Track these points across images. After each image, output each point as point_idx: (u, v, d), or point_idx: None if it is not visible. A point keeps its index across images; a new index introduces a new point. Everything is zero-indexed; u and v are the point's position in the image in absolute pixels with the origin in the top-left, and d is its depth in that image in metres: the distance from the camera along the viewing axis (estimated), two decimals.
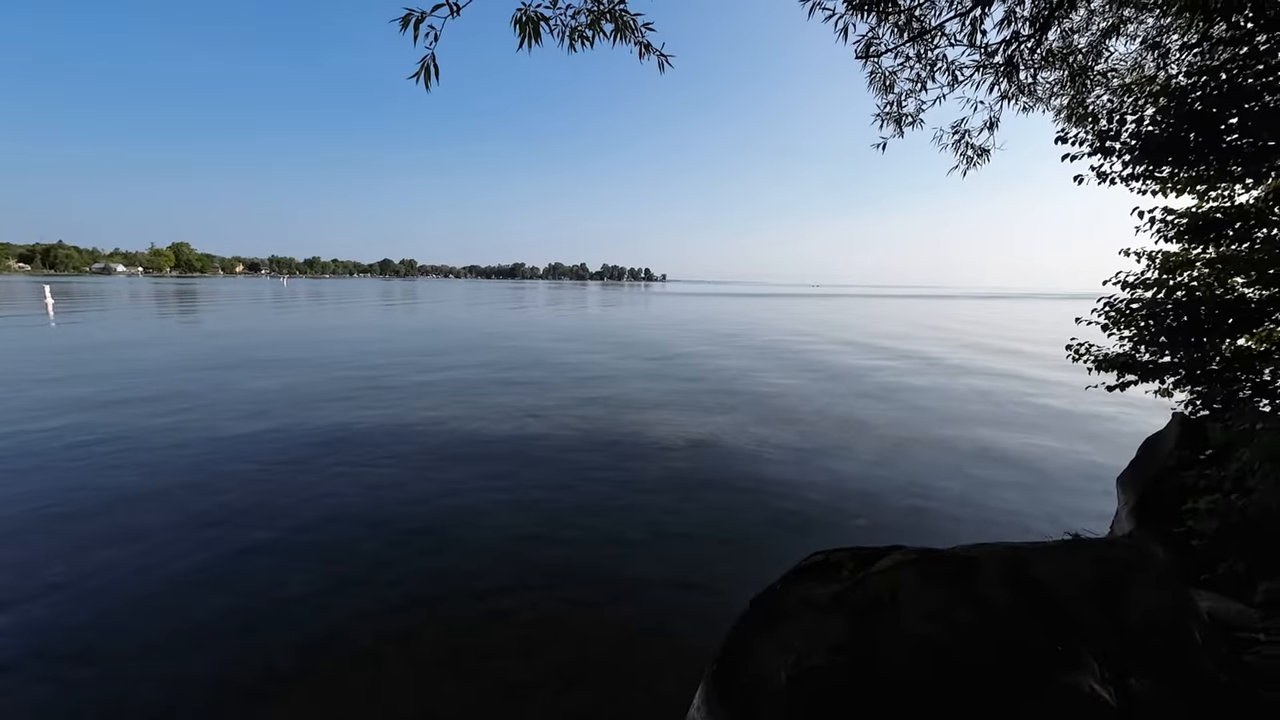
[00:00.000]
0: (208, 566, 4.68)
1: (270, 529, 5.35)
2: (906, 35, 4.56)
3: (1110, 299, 5.84)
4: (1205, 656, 1.75)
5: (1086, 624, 1.84)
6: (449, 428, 8.93)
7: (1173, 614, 1.81)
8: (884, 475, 7.26)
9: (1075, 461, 8.08)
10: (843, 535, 5.50)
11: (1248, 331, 5.16)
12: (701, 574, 4.75)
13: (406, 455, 7.56)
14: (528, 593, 4.38)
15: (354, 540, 5.17)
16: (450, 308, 42.98)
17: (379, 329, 25.92)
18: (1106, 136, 5.21)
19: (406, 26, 2.27)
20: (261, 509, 5.76)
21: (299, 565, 4.75)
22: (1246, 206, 5.20)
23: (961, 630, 1.82)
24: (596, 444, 8.26)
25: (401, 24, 2.28)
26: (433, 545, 5.11)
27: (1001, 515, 6.14)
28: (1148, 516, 4.56)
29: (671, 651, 3.76)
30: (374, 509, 5.84)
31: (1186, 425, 5.07)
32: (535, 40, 2.55)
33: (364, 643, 3.80)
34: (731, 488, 6.66)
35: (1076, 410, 11.50)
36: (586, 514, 5.82)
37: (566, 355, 17.80)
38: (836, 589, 2.04)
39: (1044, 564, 1.91)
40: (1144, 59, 5.57)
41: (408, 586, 4.46)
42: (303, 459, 7.32)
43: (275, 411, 9.71)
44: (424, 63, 2.34)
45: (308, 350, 17.80)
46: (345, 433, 8.56)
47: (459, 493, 6.31)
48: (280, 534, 5.27)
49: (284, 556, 4.88)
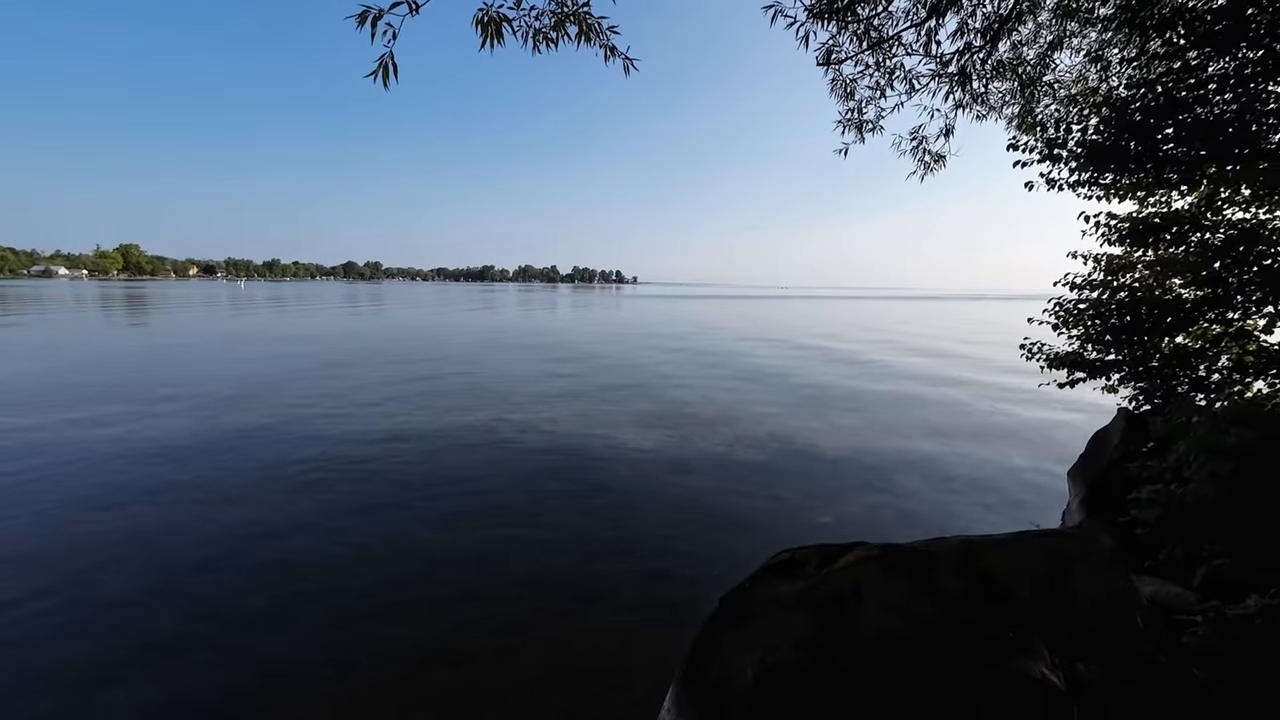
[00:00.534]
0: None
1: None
2: (865, 43, 4.69)
3: (1060, 299, 6.11)
4: (1146, 640, 1.85)
5: (1037, 612, 1.92)
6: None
7: (1116, 601, 1.91)
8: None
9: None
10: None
11: (1185, 330, 5.46)
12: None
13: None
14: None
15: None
16: (414, 313, 41.70)
17: (322, 341, 22.16)
18: (1054, 144, 5.44)
19: (363, 24, 2.22)
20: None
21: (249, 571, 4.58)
22: (1182, 212, 5.51)
23: (921, 621, 1.87)
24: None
25: (358, 20, 2.22)
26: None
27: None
28: (1096, 507, 4.77)
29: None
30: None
31: (1131, 420, 5.33)
32: (498, 41, 2.53)
33: (328, 654, 3.69)
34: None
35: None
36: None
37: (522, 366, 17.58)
38: (801, 585, 2.08)
39: (996, 556, 1.99)
40: (1088, 71, 5.86)
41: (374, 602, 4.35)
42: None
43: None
44: (382, 61, 2.29)
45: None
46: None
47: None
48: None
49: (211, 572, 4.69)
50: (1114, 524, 4.47)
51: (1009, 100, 5.94)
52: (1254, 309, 5.13)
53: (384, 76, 2.30)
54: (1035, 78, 5.73)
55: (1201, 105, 4.80)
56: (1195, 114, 4.80)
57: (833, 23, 4.41)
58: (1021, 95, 5.82)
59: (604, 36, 3.05)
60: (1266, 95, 4.63)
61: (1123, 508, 4.27)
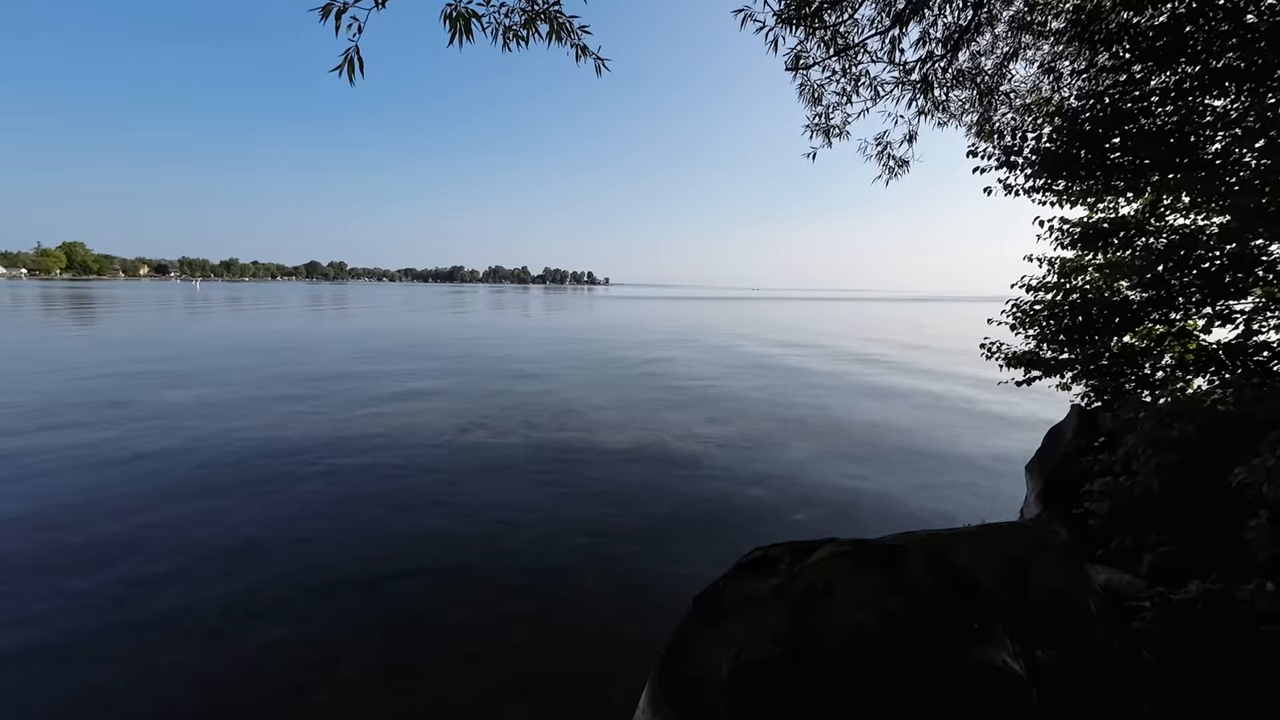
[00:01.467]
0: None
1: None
2: (832, 49, 4.80)
3: (1017, 301, 6.35)
4: (1099, 626, 1.94)
5: (999, 602, 1.99)
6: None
7: (1071, 589, 1.99)
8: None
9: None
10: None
11: (1131, 330, 5.74)
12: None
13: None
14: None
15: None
16: (377, 315, 40.31)
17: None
18: (1011, 152, 5.66)
19: (327, 16, 2.15)
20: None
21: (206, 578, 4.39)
22: (1129, 218, 5.79)
23: (890, 615, 1.92)
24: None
25: (322, 14, 2.15)
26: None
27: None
28: (1052, 500, 4.97)
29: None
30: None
31: (1083, 415, 5.57)
32: (467, 37, 2.49)
33: (287, 671, 3.56)
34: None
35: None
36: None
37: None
38: (775, 582, 2.11)
39: (961, 549, 2.05)
40: (1041, 82, 6.12)
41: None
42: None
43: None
44: (347, 55, 2.22)
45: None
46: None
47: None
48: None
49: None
50: (1069, 516, 4.67)
51: (969, 109, 6.16)
52: (1194, 310, 5.42)
53: (349, 71, 2.24)
54: (993, 87, 5.95)
55: (1145, 116, 5.06)
56: (1140, 125, 5.05)
57: (800, 28, 4.50)
58: (980, 104, 6.04)
59: (575, 36, 3.03)
60: (1204, 109, 4.90)
61: (1077, 500, 4.46)
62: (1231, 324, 5.19)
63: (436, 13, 2.54)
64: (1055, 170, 5.51)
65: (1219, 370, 5.19)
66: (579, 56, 3.11)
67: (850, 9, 4.61)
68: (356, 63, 2.24)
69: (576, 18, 3.00)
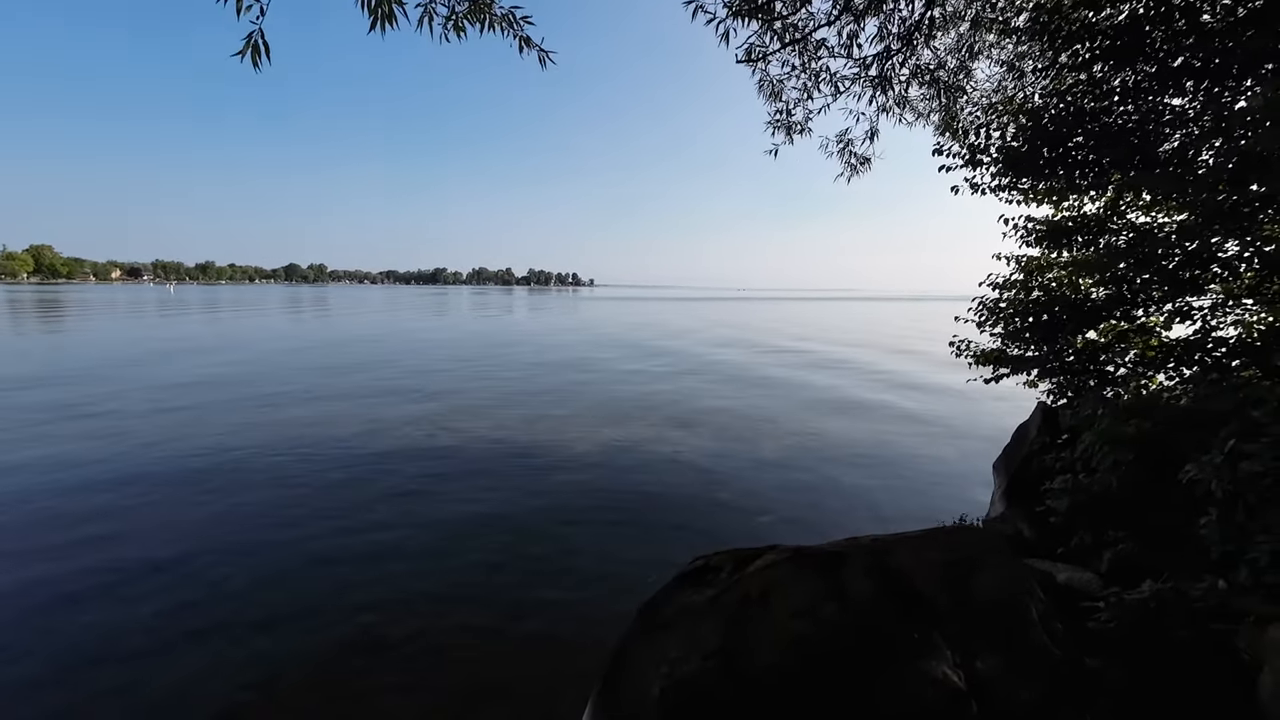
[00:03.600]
0: None
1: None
2: (787, 39, 4.72)
3: (983, 298, 6.35)
4: (1041, 632, 1.88)
5: (939, 608, 1.92)
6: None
7: (1014, 594, 1.94)
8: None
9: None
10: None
11: (1094, 327, 5.77)
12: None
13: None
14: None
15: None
16: (353, 320, 38.85)
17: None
18: (976, 150, 5.65)
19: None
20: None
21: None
22: (1091, 216, 5.82)
23: (827, 624, 1.84)
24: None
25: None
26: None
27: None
28: (1016, 498, 4.97)
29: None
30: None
31: (1047, 413, 5.59)
32: (390, 24, 2.37)
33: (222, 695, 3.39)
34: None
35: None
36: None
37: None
38: (712, 593, 2.02)
39: (902, 554, 1.99)
40: (1005, 80, 6.13)
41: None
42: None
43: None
44: (250, 39, 2.08)
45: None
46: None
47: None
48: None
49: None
50: (1033, 514, 4.66)
51: (933, 107, 6.16)
52: (1155, 307, 5.46)
53: (254, 56, 2.10)
54: (956, 85, 5.95)
55: (1106, 115, 5.08)
56: (1101, 123, 5.07)
57: (753, 21, 4.43)
58: (944, 101, 6.04)
59: (518, 26, 2.93)
60: (1163, 107, 4.94)
61: (1040, 497, 4.46)
62: (1191, 321, 5.24)
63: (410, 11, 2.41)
64: (1020, 169, 5.52)
65: (1179, 366, 5.23)
66: (522, 49, 3.00)
67: (801, 1, 4.55)
68: (261, 47, 2.10)
69: (519, 8, 2.90)
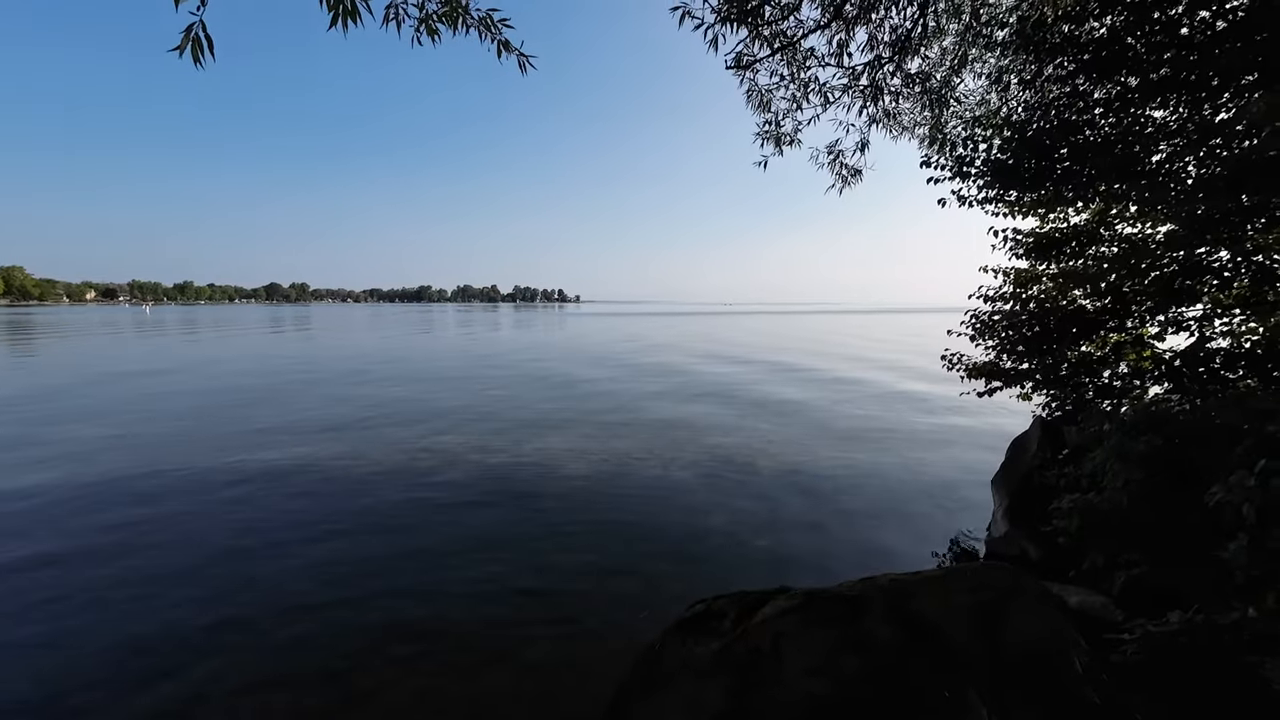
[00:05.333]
0: None
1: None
2: (776, 45, 4.64)
3: (975, 311, 6.28)
4: (1083, 683, 1.69)
5: (970, 656, 1.72)
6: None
7: (1050, 641, 1.75)
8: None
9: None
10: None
11: (1088, 338, 5.70)
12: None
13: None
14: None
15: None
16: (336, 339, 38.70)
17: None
18: (963, 162, 5.62)
19: None
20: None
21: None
22: (1080, 227, 5.79)
23: (846, 682, 1.63)
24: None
25: None
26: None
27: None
28: (1019, 517, 4.81)
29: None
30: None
31: (1046, 427, 5.48)
32: (354, 20, 2.19)
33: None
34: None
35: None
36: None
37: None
38: (716, 646, 1.80)
39: (925, 596, 1.79)
40: (990, 93, 6.13)
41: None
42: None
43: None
44: (190, 32, 1.88)
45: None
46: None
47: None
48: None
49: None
50: (1038, 534, 4.51)
51: (921, 120, 6.13)
52: (1147, 317, 5.42)
53: (194, 51, 1.89)
54: (943, 98, 5.94)
55: (1091, 127, 5.06)
56: (1086, 135, 5.06)
57: (742, 27, 4.35)
58: (931, 114, 6.02)
59: (496, 30, 2.77)
60: (1146, 119, 4.93)
61: (1045, 516, 4.30)
62: (1185, 331, 5.19)
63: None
64: (1006, 181, 5.48)
65: (1175, 377, 5.16)
66: (501, 53, 2.84)
67: (790, 8, 4.48)
68: (203, 42, 1.90)
69: (497, 10, 2.74)
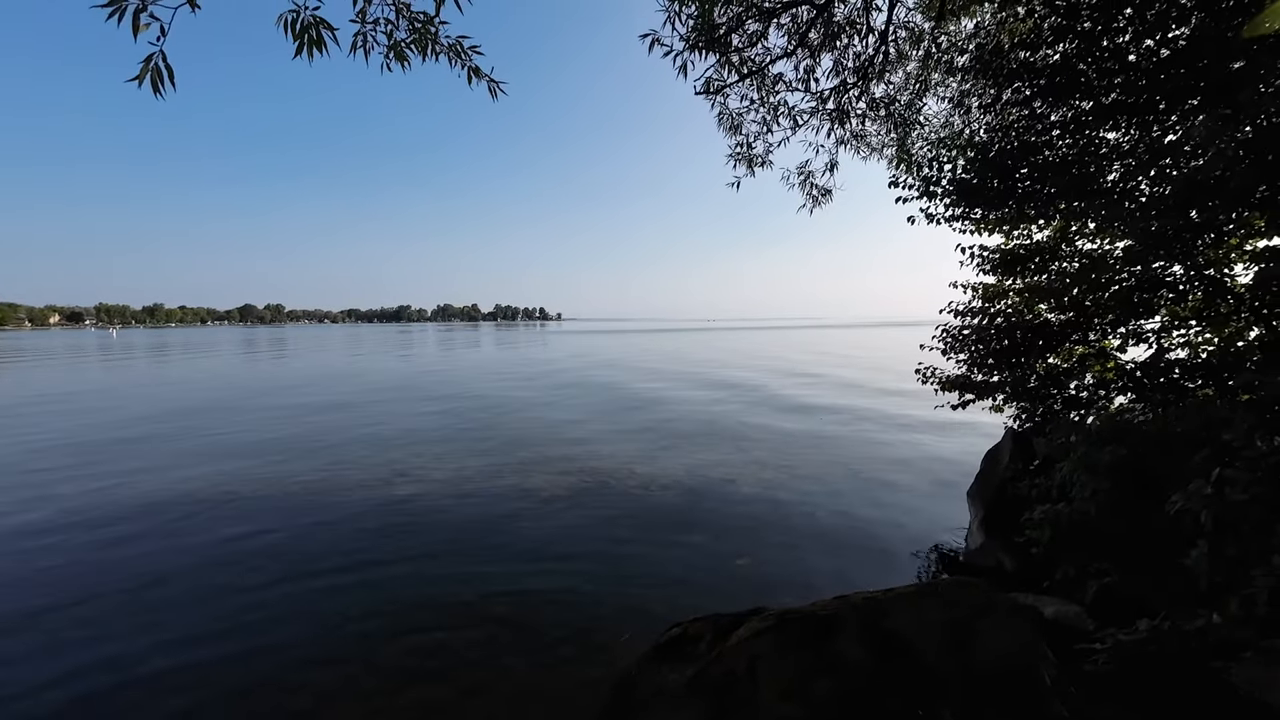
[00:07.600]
0: None
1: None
2: (745, 70, 4.78)
3: (946, 325, 6.42)
4: (1053, 698, 1.71)
5: (942, 674, 1.73)
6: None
7: (1021, 656, 1.77)
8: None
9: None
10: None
11: (1054, 351, 5.86)
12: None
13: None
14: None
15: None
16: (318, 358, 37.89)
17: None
18: (930, 182, 5.80)
19: (117, 17, 1.78)
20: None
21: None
22: (1042, 243, 5.99)
23: (819, 705, 1.62)
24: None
25: (108, 9, 1.79)
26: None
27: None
28: (994, 528, 4.88)
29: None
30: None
31: (1017, 439, 5.59)
32: (319, 49, 2.19)
33: None
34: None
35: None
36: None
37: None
38: (691, 671, 1.78)
39: (899, 614, 1.80)
40: (953, 116, 6.37)
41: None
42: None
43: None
44: (150, 62, 1.86)
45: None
46: None
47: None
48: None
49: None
50: (1013, 544, 4.57)
51: (887, 141, 6.33)
52: (1109, 330, 5.59)
53: (154, 81, 1.87)
54: (908, 120, 6.15)
55: (1049, 148, 5.28)
56: (1045, 156, 5.26)
57: (711, 54, 4.47)
58: (897, 136, 6.22)
59: (466, 57, 2.80)
60: (1100, 140, 5.15)
61: (1019, 528, 4.37)
62: (1146, 342, 5.36)
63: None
64: (971, 199, 5.67)
65: (1138, 388, 5.32)
66: (471, 79, 2.86)
67: (757, 35, 4.63)
68: (163, 72, 1.88)
69: (467, 37, 2.77)
